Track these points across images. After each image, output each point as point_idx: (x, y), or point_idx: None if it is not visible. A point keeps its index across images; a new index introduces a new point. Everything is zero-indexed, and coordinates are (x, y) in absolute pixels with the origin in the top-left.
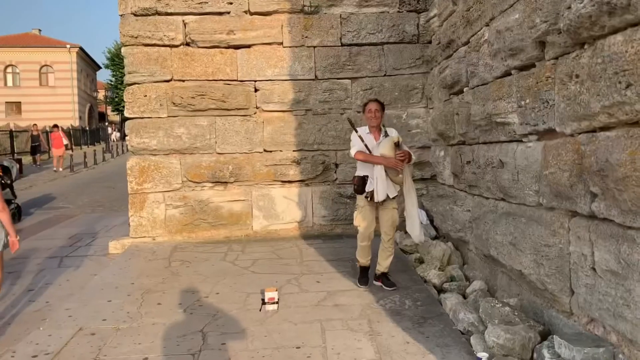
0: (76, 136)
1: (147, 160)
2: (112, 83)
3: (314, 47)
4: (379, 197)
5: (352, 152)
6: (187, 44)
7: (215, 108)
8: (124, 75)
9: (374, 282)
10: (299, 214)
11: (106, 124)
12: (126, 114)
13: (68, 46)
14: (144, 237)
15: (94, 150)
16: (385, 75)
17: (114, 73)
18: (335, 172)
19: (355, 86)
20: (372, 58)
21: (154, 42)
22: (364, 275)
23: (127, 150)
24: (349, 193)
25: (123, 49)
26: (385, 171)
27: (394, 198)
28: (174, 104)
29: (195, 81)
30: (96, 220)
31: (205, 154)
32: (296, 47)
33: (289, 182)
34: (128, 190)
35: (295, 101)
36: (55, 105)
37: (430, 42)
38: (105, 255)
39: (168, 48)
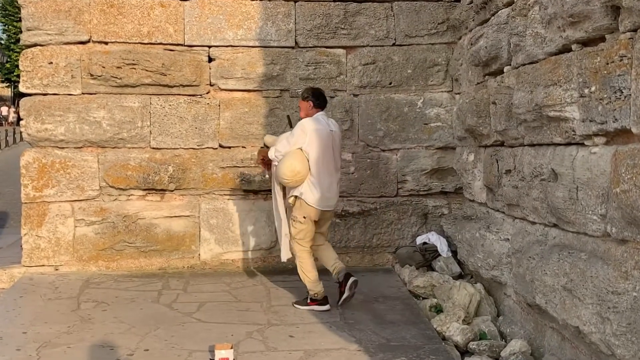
0: None
1: (51, 155)
2: (3, 42)
3: (295, 1)
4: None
5: None
6: None
7: (151, 83)
8: (21, 32)
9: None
10: (268, 239)
11: None
12: (22, 88)
13: None
14: (43, 265)
15: None
16: (394, 44)
17: (6, 28)
18: None
19: (352, 59)
20: (376, 20)
21: None
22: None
23: (22, 139)
24: (338, 210)
25: None
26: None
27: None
28: (91, 75)
29: (123, 44)
30: None
31: (134, 148)
32: (269, 0)
33: (254, 192)
34: (21, 198)
35: (266, 77)
36: None
37: (459, 0)
38: None
39: None
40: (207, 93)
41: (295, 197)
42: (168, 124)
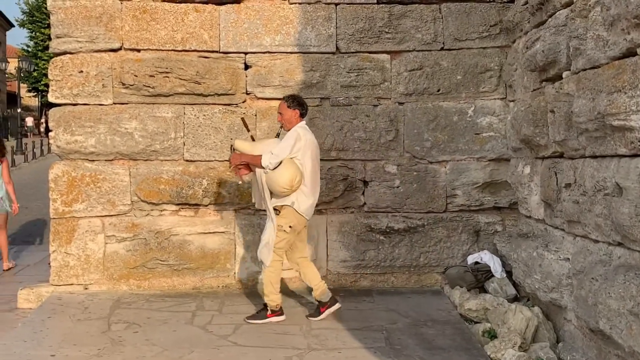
0: None
1: (81, 168)
2: (30, 50)
3: (336, 4)
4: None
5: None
6: None
7: (184, 92)
8: (50, 39)
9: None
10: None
11: (19, 110)
12: (51, 98)
13: None
14: (72, 284)
15: None
16: (442, 48)
17: (33, 35)
18: (364, 193)
19: (397, 64)
20: (423, 22)
21: None
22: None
23: (50, 151)
24: (382, 226)
25: (49, 1)
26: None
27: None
28: (123, 84)
29: (156, 51)
30: None
31: (167, 160)
32: (309, 3)
33: None
34: (50, 213)
35: (305, 85)
36: None
37: (512, 0)
38: (11, 310)
39: (117, 1)
40: (243, 102)
41: (284, 205)
42: (202, 135)
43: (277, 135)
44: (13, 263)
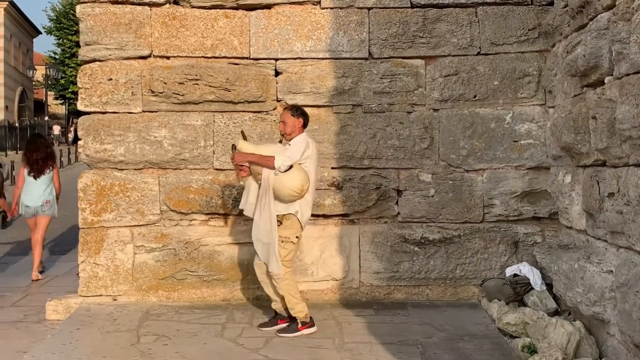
0: None
1: (110, 177)
2: (57, 57)
3: (369, 8)
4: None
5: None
6: (176, 2)
7: (214, 100)
8: (77, 46)
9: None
10: (339, 268)
11: (46, 118)
12: (80, 106)
13: None
14: (101, 295)
15: None
16: (479, 53)
17: (61, 42)
18: (397, 203)
19: (432, 70)
20: (459, 27)
21: None
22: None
23: (77, 160)
24: (417, 237)
25: (78, 8)
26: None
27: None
28: (152, 92)
29: (186, 58)
30: (27, 266)
31: (197, 169)
32: (341, 8)
33: (325, 216)
34: (79, 222)
35: (337, 91)
36: None
37: (551, 3)
38: (40, 321)
39: (147, 8)
40: (273, 109)
41: (287, 214)
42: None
43: (280, 142)
44: (42, 276)
